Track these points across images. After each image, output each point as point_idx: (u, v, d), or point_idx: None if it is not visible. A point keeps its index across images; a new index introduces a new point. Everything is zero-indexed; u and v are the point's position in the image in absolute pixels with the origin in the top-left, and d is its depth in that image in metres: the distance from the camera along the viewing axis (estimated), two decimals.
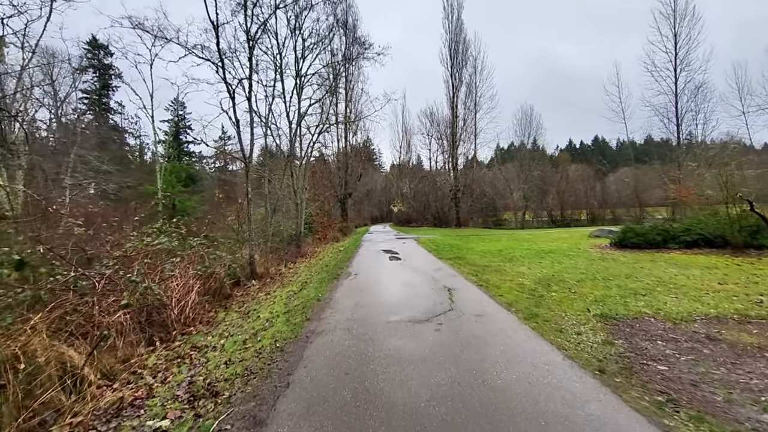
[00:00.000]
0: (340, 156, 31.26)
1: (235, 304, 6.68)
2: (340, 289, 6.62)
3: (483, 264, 9.33)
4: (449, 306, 5.07)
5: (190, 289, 5.74)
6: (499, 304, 5.26)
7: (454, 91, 33.43)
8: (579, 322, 4.42)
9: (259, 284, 8.37)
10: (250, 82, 8.50)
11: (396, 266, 9.27)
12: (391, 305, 5.25)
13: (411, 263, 9.74)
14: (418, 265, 9.38)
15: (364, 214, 55.39)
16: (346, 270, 8.97)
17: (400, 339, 3.85)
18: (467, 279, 7.23)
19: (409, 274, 8.00)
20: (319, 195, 23.38)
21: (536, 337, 3.89)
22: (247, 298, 7.10)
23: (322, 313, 5.04)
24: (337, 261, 11.18)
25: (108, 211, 9.30)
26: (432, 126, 38.70)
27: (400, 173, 50.13)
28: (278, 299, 6.60)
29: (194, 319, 5.49)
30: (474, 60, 34.29)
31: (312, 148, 14.74)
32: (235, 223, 8.98)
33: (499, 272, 8.02)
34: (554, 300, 5.49)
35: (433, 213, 39.96)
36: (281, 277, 9.22)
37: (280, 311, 5.59)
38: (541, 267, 8.54)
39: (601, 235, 15.61)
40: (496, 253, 11.51)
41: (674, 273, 7.17)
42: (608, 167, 40.09)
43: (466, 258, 10.58)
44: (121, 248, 5.98)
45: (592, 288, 6.19)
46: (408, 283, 6.87)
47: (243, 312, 5.99)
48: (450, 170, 36.70)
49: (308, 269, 10.52)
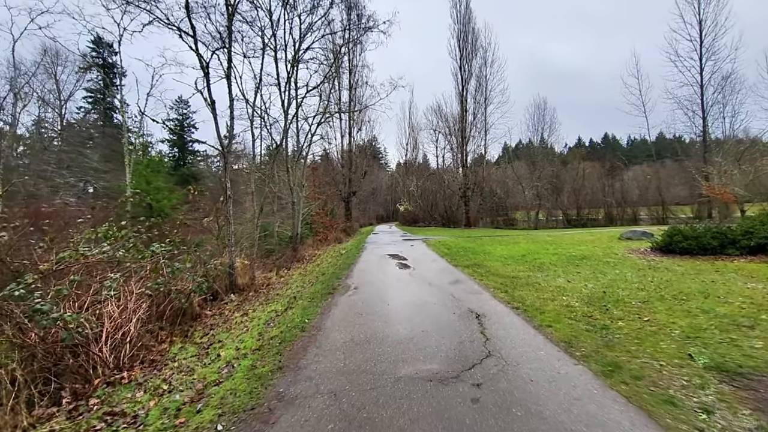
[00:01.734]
0: (344, 153, 29.81)
1: (200, 330, 5.25)
2: (333, 312, 5.14)
3: (508, 274, 7.79)
4: (484, 347, 3.55)
5: (132, 315, 4.31)
6: (553, 342, 3.72)
7: (463, 84, 31.76)
8: (689, 383, 2.88)
9: (239, 299, 6.94)
10: (230, 56, 7.06)
11: (404, 277, 7.77)
12: (401, 344, 3.75)
13: (422, 272, 8.23)
14: (431, 275, 7.87)
15: (369, 213, 54.01)
16: (344, 281, 7.50)
17: (417, 420, 2.35)
18: (496, 297, 5.70)
19: (420, 288, 6.49)
20: (320, 193, 21.96)
21: (642, 417, 2.36)
22: (219, 320, 5.65)
23: (302, 357, 3.56)
24: (336, 268, 9.72)
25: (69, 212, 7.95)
26: (440, 120, 37.02)
27: (407, 171, 48.55)
28: (254, 324, 5.14)
29: (134, 358, 4.06)
30: (484, 51, 32.56)
31: (310, 140, 13.35)
32: (214, 225, 7.60)
33: (533, 287, 6.48)
34: (626, 334, 3.94)
35: (441, 212, 38.32)
36: (268, 289, 7.78)
37: (248, 347, 4.12)
38: (583, 279, 6.98)
39: (633, 237, 13.93)
40: (519, 259, 9.94)
41: (764, 290, 5.56)
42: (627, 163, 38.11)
43: (486, 265, 9.04)
44: (53, 260, 4.59)
45: (668, 313, 4.62)
46: (421, 304, 5.36)
47: (204, 345, 4.54)
48: (459, 167, 35.05)
49: (302, 278, 9.07)
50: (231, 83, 7.05)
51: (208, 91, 6.71)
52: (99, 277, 4.65)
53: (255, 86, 8.94)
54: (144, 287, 4.76)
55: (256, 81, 8.75)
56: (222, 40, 6.61)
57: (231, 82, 7.05)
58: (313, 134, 13.21)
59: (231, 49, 7.13)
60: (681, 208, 32.14)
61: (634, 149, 67.86)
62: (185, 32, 6.30)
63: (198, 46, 6.52)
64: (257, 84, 8.74)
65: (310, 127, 13.06)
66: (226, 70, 7.04)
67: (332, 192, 27.80)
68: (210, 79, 6.69)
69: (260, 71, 8.94)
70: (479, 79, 32.50)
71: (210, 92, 6.70)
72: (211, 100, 6.72)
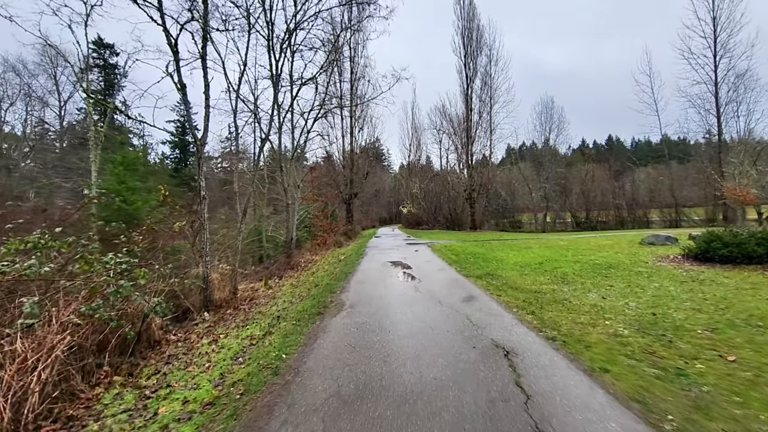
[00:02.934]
0: (345, 153, 28.81)
1: (154, 363, 4.20)
2: (320, 343, 4.07)
3: (529, 287, 6.70)
4: (526, 413, 2.47)
5: (50, 352, 3.27)
6: (620, 400, 2.64)
7: (468, 82, 30.72)
8: None
9: (213, 318, 5.90)
10: (205, 35, 6.05)
11: (408, 291, 6.70)
12: (406, 402, 2.68)
13: (429, 285, 7.15)
14: (440, 289, 6.79)
15: (372, 215, 53.01)
16: (339, 296, 6.43)
17: None
18: (522, 321, 4.62)
19: (429, 308, 5.41)
20: (320, 195, 20.95)
21: None
22: (181, 349, 4.61)
23: (264, 425, 2.50)
24: (332, 278, 8.67)
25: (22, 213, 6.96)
26: (444, 120, 35.96)
27: (410, 173, 47.51)
28: (220, 358, 4.09)
29: (47, 415, 3.02)
30: (489, 49, 31.52)
31: (306, 137, 12.33)
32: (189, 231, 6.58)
33: (563, 305, 5.39)
34: (716, 386, 2.85)
35: (445, 215, 37.21)
36: (251, 305, 6.73)
37: (200, 399, 3.07)
38: (620, 295, 5.88)
39: (656, 242, 12.78)
40: (537, 268, 8.84)
41: None
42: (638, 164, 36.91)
43: (501, 276, 7.96)
44: None
45: (755, 349, 3.52)
46: (431, 333, 4.29)
47: (150, 389, 3.49)
48: (464, 168, 33.96)
49: (293, 290, 8.03)
50: (206, 65, 6.05)
51: (177, 73, 5.71)
52: (17, 302, 3.62)
53: (240, 72, 7.92)
54: (76, 312, 3.72)
55: (241, 66, 7.77)
56: (191, 11, 5.62)
57: (206, 64, 6.05)
58: (309, 130, 12.20)
59: (207, 26, 6.13)
60: (694, 210, 30.90)
61: (638, 151, 66.55)
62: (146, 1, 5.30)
63: (165, 21, 5.51)
64: (242, 69, 7.76)
65: (306, 122, 12.07)
66: (201, 50, 6.03)
67: (333, 193, 26.81)
68: (180, 60, 5.68)
69: (245, 54, 7.98)
70: (484, 77, 31.50)
71: (180, 75, 5.70)
72: (182, 84, 5.71)
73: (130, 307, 4.40)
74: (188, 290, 6.19)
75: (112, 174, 8.30)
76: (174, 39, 5.55)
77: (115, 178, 8.17)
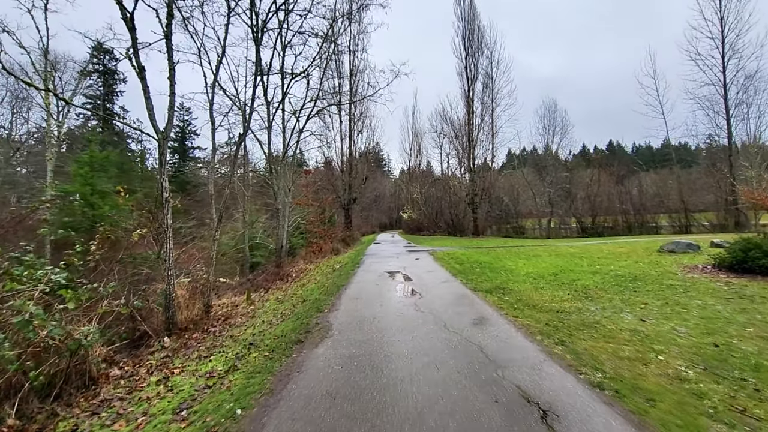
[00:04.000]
0: (344, 156, 27.96)
1: (78, 413, 3.24)
2: (290, 391, 3.11)
3: (549, 305, 5.73)
4: None
5: None
6: None
7: (469, 84, 29.97)
8: None
9: (175, 344, 4.93)
10: (170, 10, 5.17)
11: (408, 311, 5.72)
12: None
13: (432, 302, 6.17)
14: (445, 307, 5.82)
15: (372, 221, 52.11)
16: (326, 316, 5.47)
17: None
18: (552, 355, 3.65)
19: (432, 335, 4.45)
20: (316, 199, 20.04)
21: None
22: (119, 392, 3.64)
23: None
24: (323, 292, 7.72)
25: None
26: (445, 123, 35.15)
27: (411, 177, 46.65)
28: (159, 410, 3.13)
29: None
30: (489, 51, 30.79)
31: (299, 137, 11.37)
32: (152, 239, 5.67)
33: (596, 330, 4.43)
34: None
35: (447, 220, 36.27)
36: (223, 326, 5.77)
37: None
38: (661, 316, 4.91)
39: (677, 249, 11.80)
40: (552, 280, 7.88)
41: None
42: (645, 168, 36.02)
43: (513, 289, 7.00)
44: None
45: None
46: (437, 377, 3.32)
47: None
48: (465, 173, 33.09)
49: (276, 307, 7.07)
50: (171, 46, 5.16)
51: (135, 54, 4.82)
52: None
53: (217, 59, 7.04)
54: None
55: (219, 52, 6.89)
56: None
57: (171, 44, 5.16)
58: (301, 130, 11.29)
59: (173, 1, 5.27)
60: (704, 215, 29.90)
61: (640, 156, 65.73)
62: None
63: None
64: (219, 55, 6.86)
65: (297, 120, 11.16)
66: (165, 28, 5.15)
67: (331, 198, 25.91)
68: (137, 39, 4.79)
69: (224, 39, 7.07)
70: (485, 79, 30.73)
71: (138, 56, 4.81)
72: (140, 66, 4.82)
73: (52, 339, 3.44)
74: (149, 310, 5.24)
75: (76, 175, 7.40)
76: (129, 13, 4.68)
77: (81, 180, 7.27)
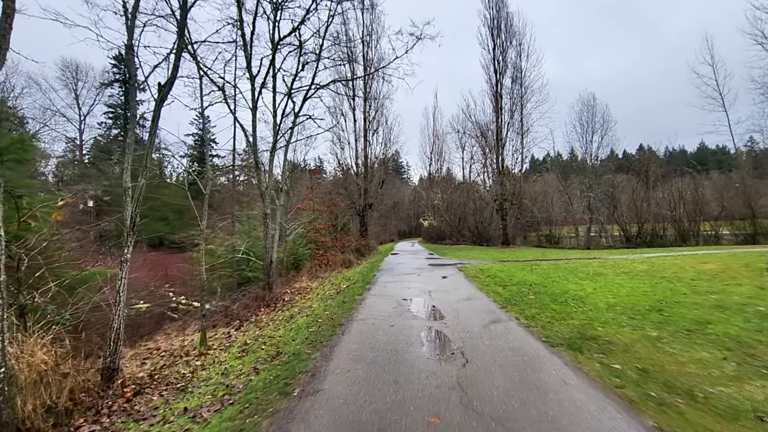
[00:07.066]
0: (359, 158, 25.72)
1: None
2: None
3: (701, 388, 3.00)
4: None
5: None
6: None
7: (497, 78, 27.21)
8: None
9: None
10: None
11: (449, 409, 3.15)
12: None
13: (481, 372, 3.56)
14: (509, 392, 3.20)
15: (390, 228, 49.60)
16: (302, 400, 2.98)
17: None
18: None
19: None
20: (326, 204, 17.77)
21: None
22: None
23: None
24: (313, 331, 5.24)
25: None
26: (468, 120, 32.35)
27: (431, 183, 43.98)
28: None
29: None
30: (518, 42, 27.98)
31: (294, 122, 9.02)
32: None
33: None
34: None
35: (471, 228, 33.30)
36: (119, 411, 3.37)
37: None
38: None
39: None
40: (661, 322, 5.07)
41: None
42: (700, 170, 31.89)
43: (613, 341, 4.26)
44: None
45: None
46: None
47: None
48: (493, 176, 30.13)
49: (232, 365, 4.64)
50: None
51: None
52: None
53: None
54: None
55: None
56: None
57: None
58: (297, 113, 8.91)
59: None
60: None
61: (672, 160, 60.56)
62: None
63: None
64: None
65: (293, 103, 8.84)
66: None
67: (345, 204, 23.64)
68: None
69: None
70: (514, 73, 27.89)
71: None
72: None
73: None
74: None
75: None
76: None
77: None
